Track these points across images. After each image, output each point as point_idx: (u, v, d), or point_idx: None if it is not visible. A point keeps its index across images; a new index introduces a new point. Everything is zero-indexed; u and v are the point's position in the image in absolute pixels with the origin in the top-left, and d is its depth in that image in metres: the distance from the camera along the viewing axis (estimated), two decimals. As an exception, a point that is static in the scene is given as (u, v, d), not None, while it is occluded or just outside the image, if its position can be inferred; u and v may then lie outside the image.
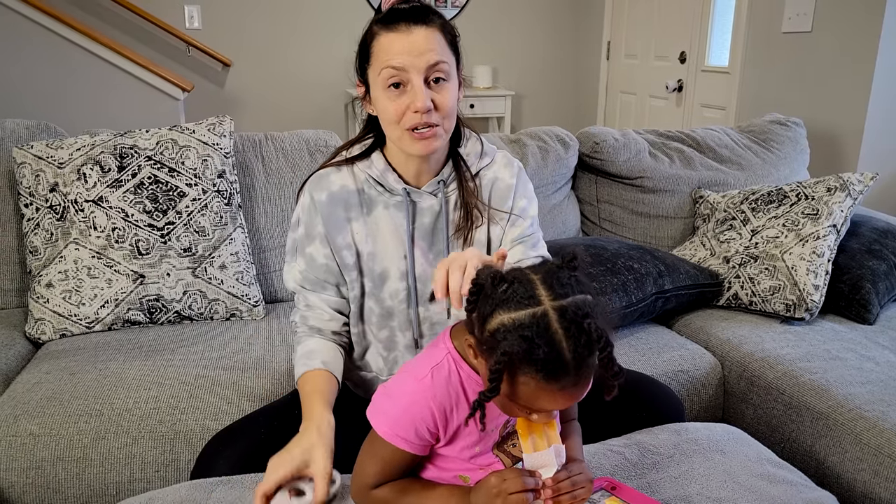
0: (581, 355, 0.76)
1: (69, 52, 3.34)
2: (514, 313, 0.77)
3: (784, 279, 1.76)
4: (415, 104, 1.06)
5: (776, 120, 2.43)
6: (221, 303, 1.75)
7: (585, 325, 0.76)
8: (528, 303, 0.77)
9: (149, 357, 1.53)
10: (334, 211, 1.17)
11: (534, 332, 0.75)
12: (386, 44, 1.06)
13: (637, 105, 4.20)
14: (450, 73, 1.10)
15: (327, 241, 1.18)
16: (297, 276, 1.21)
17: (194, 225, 1.72)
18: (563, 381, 0.76)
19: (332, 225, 1.17)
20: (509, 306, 0.77)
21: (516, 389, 0.78)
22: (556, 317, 0.76)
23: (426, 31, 1.06)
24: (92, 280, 1.66)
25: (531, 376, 0.76)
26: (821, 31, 2.76)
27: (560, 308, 0.76)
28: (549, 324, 0.75)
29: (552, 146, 2.15)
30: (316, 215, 1.17)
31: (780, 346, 1.63)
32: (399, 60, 1.05)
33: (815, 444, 1.43)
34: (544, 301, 0.77)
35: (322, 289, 1.20)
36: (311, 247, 1.19)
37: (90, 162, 1.70)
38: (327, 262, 1.18)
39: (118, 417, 1.34)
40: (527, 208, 1.24)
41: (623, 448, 1.18)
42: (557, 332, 0.75)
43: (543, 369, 0.75)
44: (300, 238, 1.20)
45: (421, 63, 1.06)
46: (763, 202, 1.97)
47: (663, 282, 1.77)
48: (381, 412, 0.92)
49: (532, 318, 0.76)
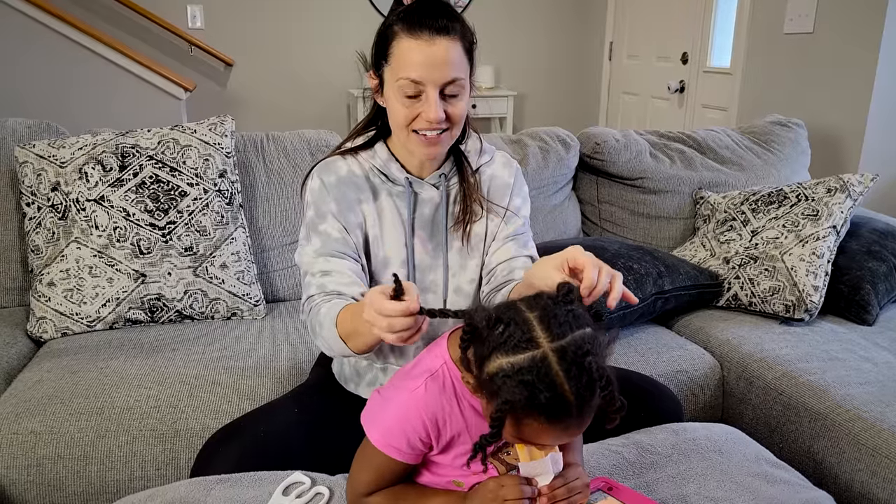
0: (583, 396, 0.75)
1: (71, 51, 3.35)
2: (512, 357, 0.76)
3: (784, 280, 1.76)
4: (428, 115, 1.07)
5: (777, 121, 2.43)
6: (222, 302, 1.75)
7: (586, 365, 0.75)
8: (526, 346, 0.76)
9: (149, 356, 1.54)
10: (345, 192, 1.17)
11: (535, 376, 0.74)
12: (406, 51, 1.06)
13: (639, 106, 4.20)
14: (464, 86, 1.10)
15: (339, 219, 1.16)
16: (310, 254, 1.14)
17: (195, 224, 1.73)
18: (567, 422, 0.76)
19: (344, 204, 1.17)
20: (507, 350, 0.76)
21: (520, 430, 0.78)
22: (556, 359, 0.75)
23: (448, 43, 1.06)
24: (93, 279, 1.67)
25: (534, 419, 0.76)
26: (822, 32, 2.76)
27: (559, 350, 0.75)
28: (550, 367, 0.74)
29: (553, 147, 2.15)
30: (327, 195, 1.17)
31: (779, 346, 1.64)
32: (418, 74, 1.05)
33: (813, 445, 1.44)
34: (542, 343, 0.76)
35: (342, 257, 1.14)
36: (324, 224, 1.16)
37: (92, 161, 1.71)
38: (342, 235, 1.15)
39: (119, 416, 1.35)
40: (521, 207, 1.27)
41: (621, 448, 1.18)
42: (559, 376, 0.74)
43: (546, 412, 0.75)
44: (310, 219, 1.17)
45: (439, 78, 1.06)
46: (763, 203, 1.97)
47: (663, 282, 1.77)
48: (375, 420, 0.92)
49: (532, 362, 0.75)
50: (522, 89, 4.85)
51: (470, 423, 0.92)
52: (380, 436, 0.91)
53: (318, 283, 1.11)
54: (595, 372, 0.75)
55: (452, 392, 0.90)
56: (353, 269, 1.13)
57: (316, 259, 1.13)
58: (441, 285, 1.22)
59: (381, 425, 0.91)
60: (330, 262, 1.12)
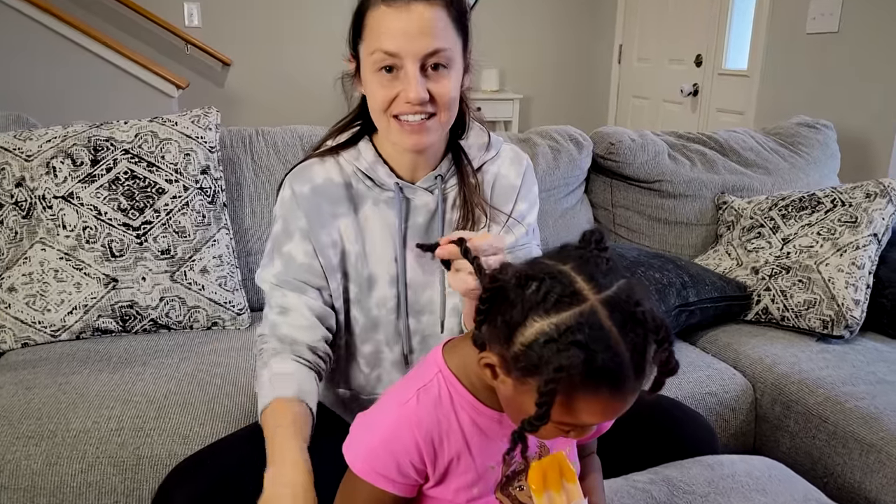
0: (640, 353, 0.62)
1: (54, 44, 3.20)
2: (555, 317, 0.62)
3: (820, 292, 1.60)
4: (406, 94, 0.92)
5: (804, 122, 2.27)
6: (202, 310, 1.59)
7: (639, 315, 0.62)
8: (570, 301, 0.62)
9: (116, 370, 1.38)
10: (319, 204, 1.02)
11: (587, 335, 0.61)
12: (380, 19, 0.92)
13: (650, 110, 4.06)
14: (452, 59, 0.95)
15: (309, 239, 1.02)
16: (270, 279, 1.04)
17: (174, 225, 1.57)
18: (624, 388, 0.63)
19: (316, 220, 1.02)
20: (547, 308, 0.63)
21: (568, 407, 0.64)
22: (607, 313, 0.62)
23: (428, 9, 0.91)
24: (59, 284, 1.51)
25: (591, 389, 0.62)
26: (848, 31, 2.62)
27: (609, 301, 0.63)
28: (602, 322, 0.62)
29: (564, 146, 1.99)
30: (297, 209, 1.02)
31: (818, 366, 1.47)
32: (393, 44, 0.91)
33: (865, 481, 1.27)
34: (588, 295, 0.63)
35: (302, 291, 1.02)
36: (289, 244, 1.03)
37: (61, 155, 1.55)
38: (308, 260, 1.02)
39: (74, 440, 1.18)
40: (525, 214, 1.10)
41: (649, 485, 1.03)
42: (612, 331, 0.61)
43: (604, 377, 0.61)
44: (276, 235, 1.04)
45: (417, 49, 0.91)
46: (794, 208, 1.81)
47: (687, 293, 1.61)
48: (357, 444, 0.76)
49: (580, 318, 0.61)
50: (528, 92, 4.71)
51: (471, 442, 0.76)
52: (363, 462, 0.75)
53: (272, 322, 1.01)
54: (650, 322, 0.62)
55: (450, 405, 0.75)
56: (313, 307, 1.01)
57: (274, 290, 1.03)
58: (438, 304, 1.06)
59: (366, 448, 0.75)
60: (287, 298, 1.01)
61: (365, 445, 0.76)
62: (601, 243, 0.67)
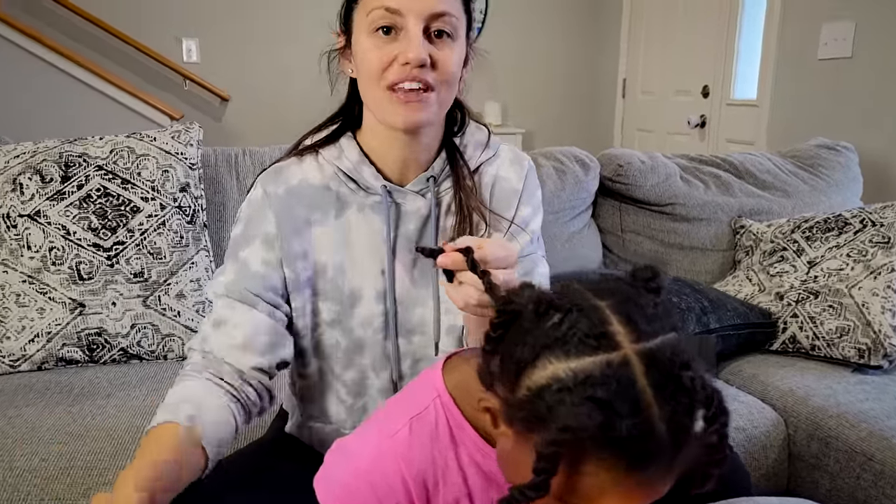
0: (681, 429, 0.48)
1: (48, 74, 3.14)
2: (575, 361, 0.49)
3: (854, 319, 1.46)
4: (405, 53, 0.80)
5: (823, 144, 2.16)
6: (177, 339, 1.46)
7: (687, 381, 0.48)
8: (597, 345, 0.49)
9: (76, 402, 1.24)
10: (293, 208, 0.90)
11: (612, 392, 0.47)
12: None
13: (655, 142, 3.96)
14: (457, 30, 0.85)
15: (275, 245, 0.89)
16: (219, 288, 0.90)
17: (148, 245, 1.45)
18: (651, 470, 0.48)
19: (289, 225, 0.90)
20: (566, 350, 0.49)
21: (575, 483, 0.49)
22: (643, 369, 0.48)
23: None
24: (20, 309, 1.38)
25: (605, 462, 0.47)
26: (862, 55, 2.53)
27: (647, 354, 0.48)
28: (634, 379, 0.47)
29: (569, 167, 1.88)
30: (267, 210, 0.90)
31: (858, 399, 1.32)
32: (396, 1, 0.80)
33: (922, 528, 1.11)
34: (622, 342, 0.49)
35: (252, 304, 0.88)
36: (246, 249, 0.90)
37: (29, 171, 1.44)
38: (266, 270, 0.89)
39: (16, 480, 1.03)
40: (529, 220, 0.97)
41: (679, 532, 0.87)
42: (646, 393, 0.47)
43: (627, 452, 0.47)
44: (235, 239, 0.91)
45: (423, 7, 0.81)
46: (819, 230, 1.68)
47: (708, 319, 1.47)
48: (332, 480, 0.62)
49: (607, 369, 0.48)
50: (531, 126, 4.64)
51: (473, 485, 0.63)
52: (338, 500, 0.61)
53: (204, 334, 0.88)
54: (699, 391, 0.48)
55: (449, 440, 0.62)
56: (259, 326, 0.87)
57: (219, 300, 0.89)
58: (431, 324, 0.93)
59: (340, 483, 0.62)
60: (233, 311, 0.87)
61: (341, 482, 0.62)
62: (653, 282, 0.54)
